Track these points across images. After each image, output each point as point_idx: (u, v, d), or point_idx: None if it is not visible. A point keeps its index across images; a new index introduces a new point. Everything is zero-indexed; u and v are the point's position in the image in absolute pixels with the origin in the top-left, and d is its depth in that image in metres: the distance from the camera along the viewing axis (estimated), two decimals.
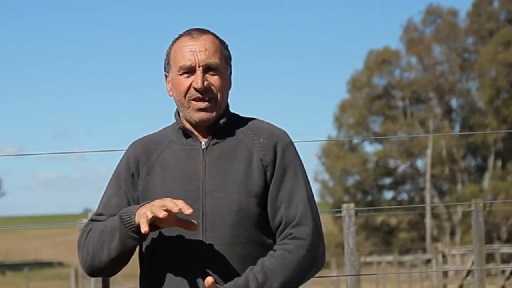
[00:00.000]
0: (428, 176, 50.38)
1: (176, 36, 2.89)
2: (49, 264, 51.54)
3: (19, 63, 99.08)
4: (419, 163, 53.65)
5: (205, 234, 2.76)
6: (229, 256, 2.75)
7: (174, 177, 2.82)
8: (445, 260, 24.85)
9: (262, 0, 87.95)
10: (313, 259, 2.78)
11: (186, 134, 2.87)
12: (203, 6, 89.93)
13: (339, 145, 51.83)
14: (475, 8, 50.59)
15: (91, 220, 2.88)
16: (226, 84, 2.87)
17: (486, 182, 49.67)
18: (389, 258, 30.09)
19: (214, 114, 2.82)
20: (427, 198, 50.08)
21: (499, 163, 50.10)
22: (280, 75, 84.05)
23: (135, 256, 2.89)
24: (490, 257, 33.92)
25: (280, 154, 2.84)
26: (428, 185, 50.48)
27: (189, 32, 2.87)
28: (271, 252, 2.77)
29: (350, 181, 53.37)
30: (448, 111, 52.31)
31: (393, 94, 53.03)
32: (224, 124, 2.86)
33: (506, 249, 25.75)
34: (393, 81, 52.90)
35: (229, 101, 2.94)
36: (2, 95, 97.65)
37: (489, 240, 42.63)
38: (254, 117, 2.96)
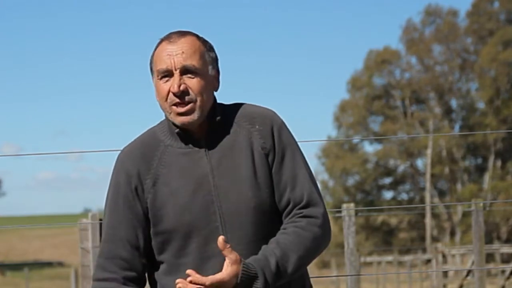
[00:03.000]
0: (428, 176, 50.38)
1: (159, 40, 2.86)
2: (49, 264, 51.52)
3: (18, 63, 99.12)
4: (419, 163, 53.73)
5: (226, 237, 2.70)
6: (254, 254, 2.72)
7: (182, 185, 2.77)
8: (445, 260, 24.83)
9: (262, 0, 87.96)
10: (325, 236, 2.80)
11: (184, 138, 2.82)
12: (201, 6, 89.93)
13: (339, 145, 51.84)
14: (475, 8, 50.61)
15: (102, 258, 2.81)
16: (208, 85, 2.81)
17: (486, 182, 49.68)
18: (389, 258, 30.07)
19: (195, 117, 2.76)
20: (427, 198, 50.08)
21: (499, 163, 50.12)
22: (280, 75, 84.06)
23: None
24: (490, 257, 33.97)
25: (277, 138, 2.82)
26: (428, 185, 50.49)
27: (168, 36, 2.83)
28: (282, 230, 2.76)
29: (350, 181, 53.40)
30: (448, 111, 52.32)
31: (393, 94, 53.05)
32: (219, 121, 2.82)
33: (506, 249, 25.72)
34: (393, 81, 52.92)
35: (219, 99, 2.88)
36: (1, 95, 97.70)
37: (489, 240, 42.63)
38: (239, 102, 2.92)
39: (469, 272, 18.19)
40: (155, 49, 2.85)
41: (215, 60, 2.87)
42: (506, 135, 47.76)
